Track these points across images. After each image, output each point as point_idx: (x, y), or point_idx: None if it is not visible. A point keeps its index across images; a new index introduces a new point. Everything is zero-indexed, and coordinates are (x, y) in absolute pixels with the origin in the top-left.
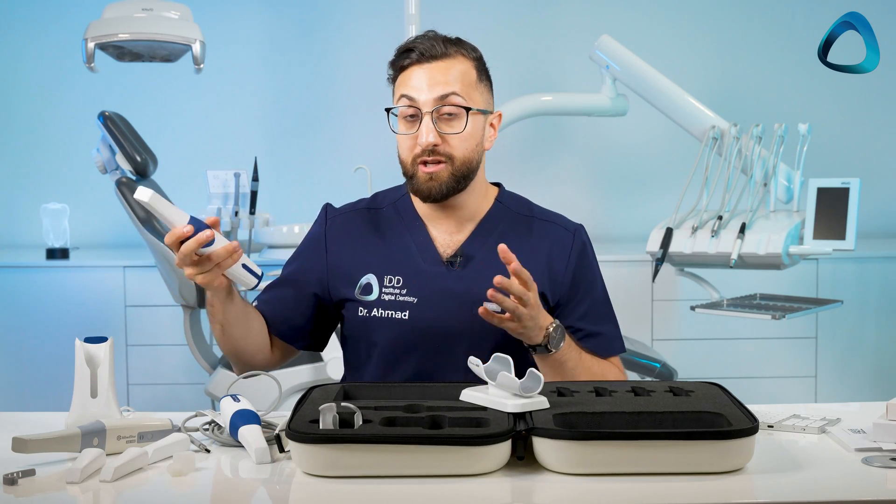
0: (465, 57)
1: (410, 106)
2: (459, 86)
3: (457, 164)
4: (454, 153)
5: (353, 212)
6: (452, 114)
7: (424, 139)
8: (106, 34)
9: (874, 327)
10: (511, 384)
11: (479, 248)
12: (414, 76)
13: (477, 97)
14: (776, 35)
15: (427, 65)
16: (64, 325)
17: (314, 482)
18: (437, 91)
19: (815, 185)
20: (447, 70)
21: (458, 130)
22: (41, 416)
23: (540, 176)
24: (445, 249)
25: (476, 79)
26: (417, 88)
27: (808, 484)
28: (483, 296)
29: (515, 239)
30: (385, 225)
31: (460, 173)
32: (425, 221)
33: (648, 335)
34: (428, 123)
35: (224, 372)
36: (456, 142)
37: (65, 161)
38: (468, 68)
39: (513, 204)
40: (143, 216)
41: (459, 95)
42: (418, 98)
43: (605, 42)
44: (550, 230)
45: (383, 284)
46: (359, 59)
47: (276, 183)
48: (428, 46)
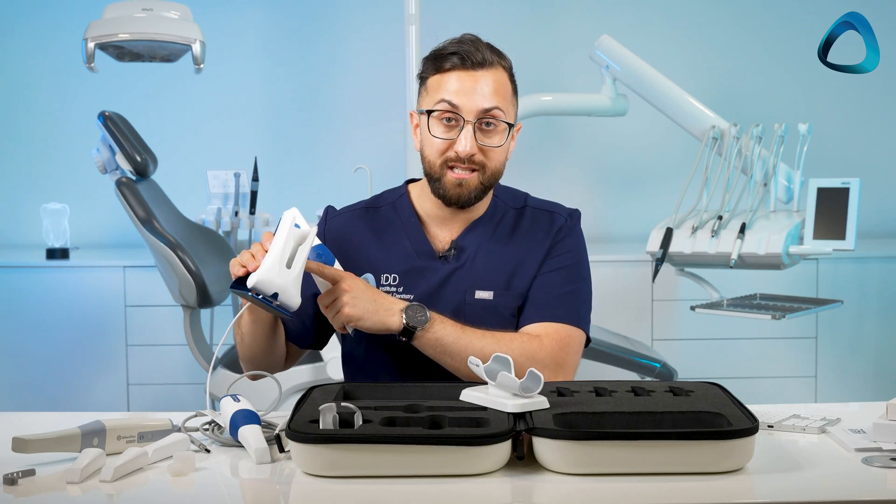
0: (503, 67)
1: (451, 111)
2: (501, 99)
3: (488, 175)
4: (488, 164)
5: (352, 212)
6: (491, 127)
7: (464, 148)
8: (106, 34)
9: (874, 327)
10: (511, 384)
11: (472, 239)
12: (457, 81)
13: (512, 111)
14: (776, 35)
15: (472, 72)
16: (64, 325)
17: (314, 482)
18: (482, 103)
19: (815, 185)
20: (490, 81)
21: (496, 144)
22: (41, 416)
23: (540, 176)
24: (442, 245)
25: (511, 91)
26: (460, 95)
27: (808, 484)
28: (474, 281)
29: (507, 229)
30: (383, 224)
31: (489, 183)
32: (428, 220)
33: (648, 335)
34: (469, 133)
35: (224, 372)
36: (493, 154)
37: (65, 161)
38: (506, 80)
39: (507, 198)
40: (144, 216)
41: (501, 110)
42: (462, 105)
43: (605, 42)
44: (542, 218)
45: (380, 282)
46: (359, 60)
47: (276, 183)
48: (472, 51)
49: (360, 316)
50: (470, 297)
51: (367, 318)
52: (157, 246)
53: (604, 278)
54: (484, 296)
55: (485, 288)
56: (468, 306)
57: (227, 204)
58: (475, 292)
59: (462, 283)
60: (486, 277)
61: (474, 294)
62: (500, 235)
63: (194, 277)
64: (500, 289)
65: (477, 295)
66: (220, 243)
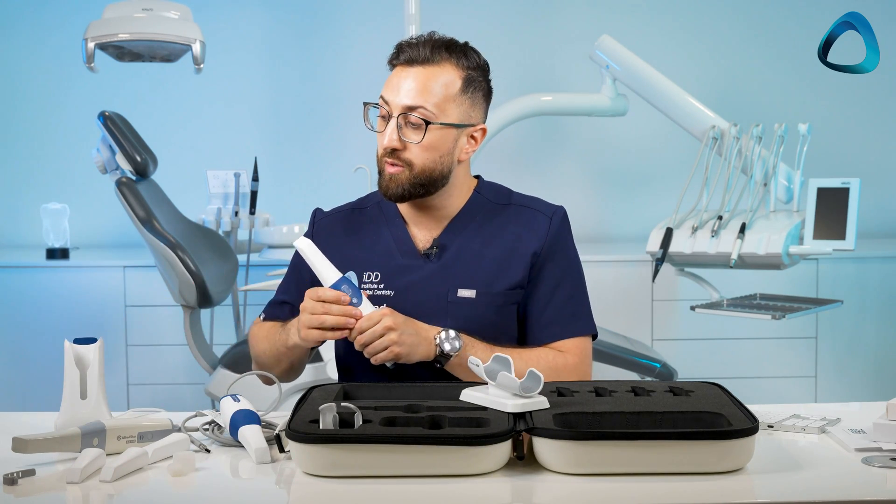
0: (453, 66)
1: (383, 106)
2: (431, 97)
3: (415, 172)
4: (413, 161)
5: (338, 213)
6: (416, 124)
7: (386, 141)
8: (106, 34)
9: (874, 327)
10: (511, 384)
11: (454, 237)
12: (394, 77)
13: (452, 109)
14: (776, 35)
15: (409, 69)
16: (64, 325)
17: (314, 482)
18: (407, 99)
19: (815, 185)
20: (426, 79)
21: (416, 140)
22: (41, 416)
23: (540, 176)
24: (424, 244)
25: (458, 91)
26: (392, 91)
27: (808, 484)
28: (456, 280)
29: (490, 227)
30: (368, 224)
31: (419, 181)
32: (406, 219)
33: (648, 335)
34: (392, 127)
35: (224, 372)
36: (415, 150)
37: (65, 161)
38: (452, 79)
39: (490, 194)
40: (144, 216)
41: (426, 108)
42: (391, 100)
43: (605, 42)
44: (525, 215)
45: (363, 280)
46: (359, 59)
47: (276, 183)
48: (413, 51)
49: (408, 353)
50: (452, 296)
51: (412, 353)
52: (157, 246)
53: (604, 278)
54: (466, 294)
55: (467, 286)
56: (450, 305)
57: (227, 204)
58: (457, 291)
59: (444, 281)
60: (468, 276)
61: (457, 293)
62: (483, 234)
63: (194, 277)
64: (482, 287)
65: (459, 293)
66: (220, 243)
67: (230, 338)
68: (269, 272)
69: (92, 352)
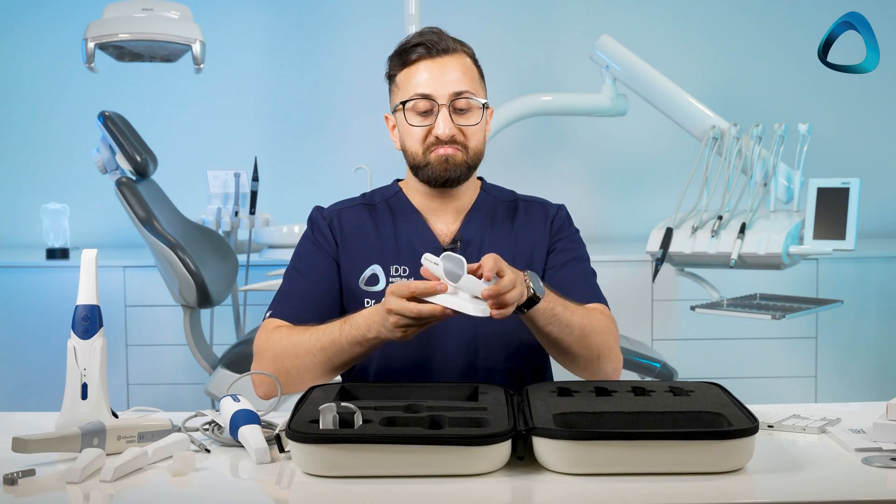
0: (466, 53)
1: (424, 99)
2: (470, 82)
3: (471, 154)
4: (469, 143)
5: (349, 207)
6: (464, 108)
7: (443, 131)
8: (106, 34)
9: (874, 327)
10: (474, 286)
11: (474, 231)
12: (425, 70)
13: (482, 93)
14: (776, 35)
15: (438, 59)
16: (64, 325)
17: (314, 482)
18: (453, 86)
19: (815, 185)
20: (457, 65)
21: (472, 122)
22: (41, 416)
23: (540, 176)
24: (444, 238)
25: (479, 75)
26: (430, 83)
27: (808, 484)
28: None
29: (504, 220)
30: (381, 219)
31: (473, 162)
32: (424, 214)
33: (648, 335)
34: (445, 115)
35: (224, 372)
36: (471, 132)
37: (65, 161)
38: (471, 64)
39: (496, 192)
40: (144, 216)
41: (471, 91)
42: (433, 92)
43: (605, 42)
44: (534, 208)
45: (390, 275)
46: (359, 60)
47: (276, 183)
48: (435, 40)
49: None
50: None
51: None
52: (157, 246)
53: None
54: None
55: None
56: None
57: (227, 204)
58: None
59: None
60: None
61: None
62: (499, 227)
63: (194, 277)
64: None
65: None
66: (220, 243)
67: (230, 338)
68: (269, 272)
69: (95, 348)
